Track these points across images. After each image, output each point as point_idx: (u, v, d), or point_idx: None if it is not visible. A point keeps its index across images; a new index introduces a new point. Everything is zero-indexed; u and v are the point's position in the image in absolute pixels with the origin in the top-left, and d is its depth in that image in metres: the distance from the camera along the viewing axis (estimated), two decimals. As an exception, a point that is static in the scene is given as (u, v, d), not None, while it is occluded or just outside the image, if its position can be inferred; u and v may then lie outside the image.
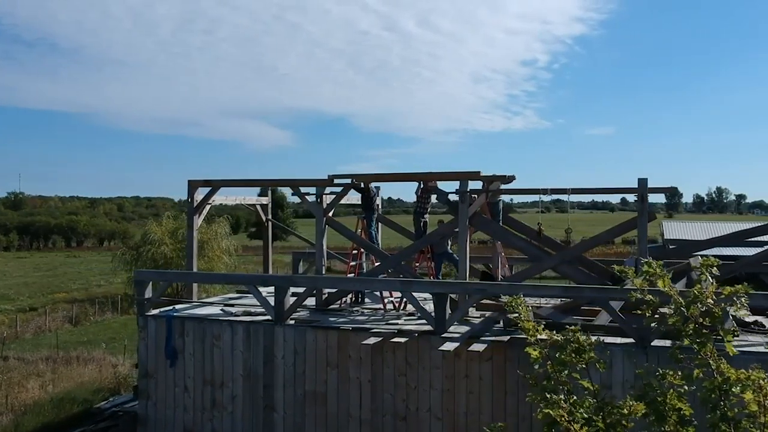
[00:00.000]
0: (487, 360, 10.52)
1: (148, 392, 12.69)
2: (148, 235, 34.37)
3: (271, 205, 17.06)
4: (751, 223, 61.57)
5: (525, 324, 3.58)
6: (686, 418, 3.09)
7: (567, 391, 3.31)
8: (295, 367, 11.68)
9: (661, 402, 3.13)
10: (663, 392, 3.18)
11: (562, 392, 3.28)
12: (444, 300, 10.95)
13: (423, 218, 13.30)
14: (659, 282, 3.89)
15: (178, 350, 12.44)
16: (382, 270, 13.20)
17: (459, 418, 10.70)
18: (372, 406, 11.19)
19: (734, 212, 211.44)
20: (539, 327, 3.54)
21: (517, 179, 12.68)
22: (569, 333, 3.47)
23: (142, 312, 12.79)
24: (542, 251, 12.31)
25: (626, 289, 10.74)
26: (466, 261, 12.29)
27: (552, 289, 10.83)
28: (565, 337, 3.44)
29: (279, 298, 11.84)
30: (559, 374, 3.32)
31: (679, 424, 3.06)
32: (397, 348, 10.97)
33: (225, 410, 12.13)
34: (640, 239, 11.48)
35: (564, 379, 3.32)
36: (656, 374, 3.36)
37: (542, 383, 3.38)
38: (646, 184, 11.43)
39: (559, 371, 3.34)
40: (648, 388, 3.31)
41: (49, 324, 30.06)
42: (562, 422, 3.12)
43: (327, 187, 13.31)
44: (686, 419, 3.09)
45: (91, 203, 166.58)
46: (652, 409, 3.11)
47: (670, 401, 3.12)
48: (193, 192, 14.18)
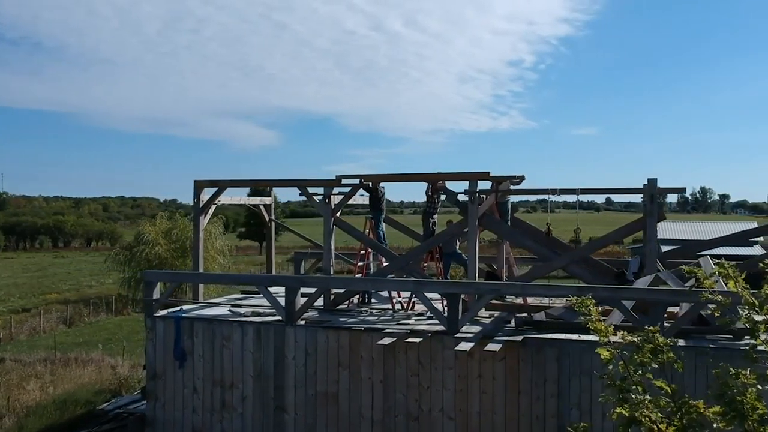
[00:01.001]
0: (501, 360, 10.56)
1: (157, 393, 12.62)
2: (141, 235, 34.15)
3: (273, 205, 17.02)
4: (736, 222, 62.07)
5: (597, 325, 3.59)
6: (765, 417, 3.11)
7: (642, 391, 3.32)
8: (307, 368, 11.66)
9: (740, 401, 3.15)
10: (742, 391, 3.21)
11: (636, 392, 3.30)
12: (457, 300, 10.97)
13: (432, 218, 13.32)
14: (730, 283, 3.91)
15: (187, 351, 12.39)
16: (390, 270, 13.21)
17: (472, 418, 10.73)
18: (384, 407, 11.20)
19: (718, 212, 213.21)
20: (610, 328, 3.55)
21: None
22: (647, 333, 3.48)
23: (150, 313, 12.72)
24: (552, 251, 12.37)
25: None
26: (476, 261, 12.32)
27: (566, 289, 10.87)
28: (643, 337, 3.45)
29: (290, 298, 11.82)
30: (634, 374, 3.33)
31: (758, 423, 3.09)
32: (410, 348, 10.99)
33: (235, 411, 12.09)
34: (650, 240, 11.56)
35: (638, 379, 3.33)
36: (730, 374, 3.39)
37: (617, 384, 3.38)
38: (656, 185, 11.51)
39: (635, 371, 3.36)
40: (725, 388, 3.34)
41: (43, 325, 29.80)
42: (645, 423, 3.13)
43: (335, 188, 13.30)
44: (765, 418, 3.12)
45: (75, 203, 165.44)
46: (731, 409, 3.13)
47: (750, 401, 3.15)
48: (199, 192, 14.13)
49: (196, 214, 14.22)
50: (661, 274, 11.39)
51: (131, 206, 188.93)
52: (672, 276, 11.30)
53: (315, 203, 13.36)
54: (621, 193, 13.26)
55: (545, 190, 12.58)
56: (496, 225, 12.77)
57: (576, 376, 10.28)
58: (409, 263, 13.18)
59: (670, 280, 11.19)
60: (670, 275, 11.31)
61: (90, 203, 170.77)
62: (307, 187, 13.43)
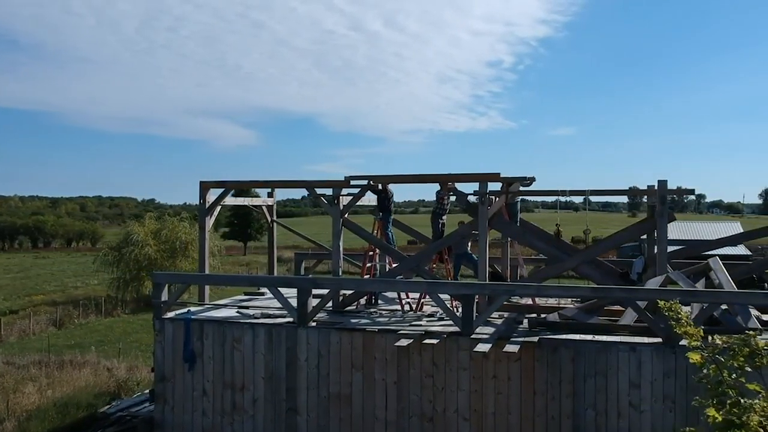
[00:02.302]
0: (516, 360, 10.61)
1: (165, 396, 12.52)
2: (131, 236, 33.80)
3: (275, 206, 16.96)
4: (715, 222, 62.96)
5: (688, 329, 3.62)
6: None
7: (736, 394, 3.35)
8: (319, 369, 11.63)
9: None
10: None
11: (731, 396, 3.33)
12: (471, 301, 11.01)
13: (441, 219, 13.34)
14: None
15: (197, 353, 12.30)
16: (400, 271, 13.21)
17: (487, 419, 10.77)
18: (398, 408, 11.21)
19: (695, 211, 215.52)
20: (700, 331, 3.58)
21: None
22: (747, 337, 3.52)
23: (158, 315, 12.61)
24: (562, 252, 12.45)
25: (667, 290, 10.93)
26: (485, 262, 12.38)
27: (581, 290, 10.96)
28: (743, 341, 3.48)
29: (302, 299, 11.78)
30: (729, 378, 3.36)
31: None
32: (424, 349, 11.01)
33: (246, 413, 12.03)
34: (660, 240, 11.67)
35: (732, 383, 3.36)
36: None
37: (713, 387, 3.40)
38: (666, 186, 11.63)
39: (730, 375, 3.39)
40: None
41: (33, 327, 29.39)
42: (753, 427, 3.16)
43: (343, 188, 13.29)
44: None
45: (52, 203, 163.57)
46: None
47: None
48: (205, 193, 14.06)
49: (202, 215, 14.14)
50: (672, 274, 11.52)
51: (109, 206, 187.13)
52: (682, 276, 11.44)
53: (324, 204, 13.33)
54: (630, 194, 13.36)
55: (554, 192, 12.66)
56: (506, 226, 12.83)
57: (591, 377, 10.36)
58: (419, 264, 13.20)
59: (680, 280, 11.32)
60: (680, 275, 11.44)
61: (67, 203, 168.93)
62: (315, 188, 13.42)
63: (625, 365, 10.25)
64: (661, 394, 10.11)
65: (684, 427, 9.80)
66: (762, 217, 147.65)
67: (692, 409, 9.92)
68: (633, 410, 10.19)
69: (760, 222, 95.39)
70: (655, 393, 10.13)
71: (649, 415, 10.15)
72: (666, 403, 10.08)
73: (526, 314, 12.35)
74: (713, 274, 11.45)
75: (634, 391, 10.21)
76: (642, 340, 10.43)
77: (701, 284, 11.39)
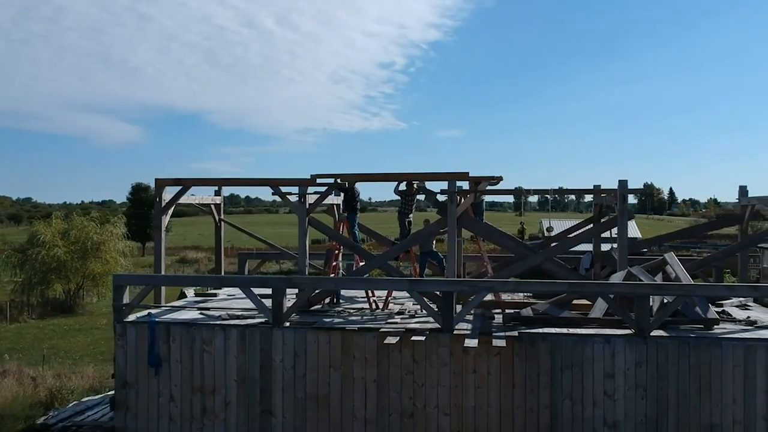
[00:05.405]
0: (495, 355, 10.90)
1: (128, 403, 11.95)
2: (36, 236, 31.81)
3: (223, 205, 16.54)
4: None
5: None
6: None
7: None
8: (295, 370, 11.47)
9: None
10: None
11: None
12: (451, 298, 11.20)
13: (408, 218, 13.47)
14: None
15: (163, 357, 11.83)
16: (367, 269, 13.23)
17: (467, 413, 11.00)
18: (378, 406, 11.23)
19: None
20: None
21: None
22: None
23: (119, 318, 12.02)
24: (529, 249, 12.88)
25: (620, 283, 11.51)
26: (455, 260, 12.62)
27: (558, 285, 11.39)
28: None
29: (278, 299, 11.58)
30: None
31: None
32: (404, 347, 11.10)
33: (217, 417, 11.68)
34: (621, 238, 12.30)
35: None
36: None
37: None
38: (626, 185, 12.28)
39: None
40: None
41: (-71, 335, 27.00)
42: None
43: (309, 187, 13.15)
44: None
45: None
46: None
47: None
48: (160, 191, 13.53)
49: (157, 214, 13.59)
50: (633, 269, 12.17)
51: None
52: (643, 271, 12.11)
53: (290, 203, 13.14)
54: (593, 194, 13.99)
55: (517, 191, 13.07)
56: (474, 224, 13.13)
57: (568, 368, 10.80)
58: (386, 262, 13.27)
59: (641, 275, 11.98)
60: (641, 270, 12.11)
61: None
62: (280, 186, 13.21)
63: (600, 356, 10.76)
64: (633, 383, 10.68)
65: (654, 413, 10.49)
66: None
67: (662, 396, 10.61)
68: (608, 399, 10.71)
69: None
70: (628, 382, 10.69)
71: (623, 403, 10.70)
72: (638, 391, 10.67)
73: (492, 309, 12.70)
74: (669, 269, 12.19)
75: (609, 381, 10.73)
76: (615, 331, 10.97)
77: (659, 278, 12.08)
